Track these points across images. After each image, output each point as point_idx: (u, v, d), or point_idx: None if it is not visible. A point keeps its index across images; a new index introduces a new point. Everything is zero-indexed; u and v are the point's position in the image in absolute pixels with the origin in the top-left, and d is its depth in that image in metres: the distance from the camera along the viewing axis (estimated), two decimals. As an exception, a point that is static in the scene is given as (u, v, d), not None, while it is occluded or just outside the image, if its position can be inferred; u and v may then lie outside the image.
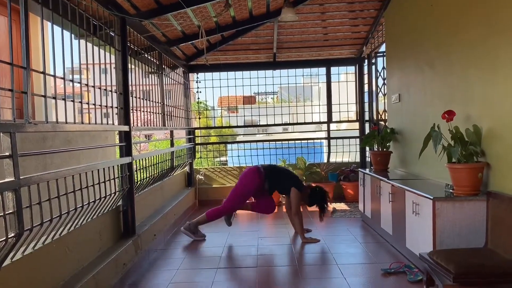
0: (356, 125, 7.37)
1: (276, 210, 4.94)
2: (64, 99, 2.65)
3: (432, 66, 4.15)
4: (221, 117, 8.74)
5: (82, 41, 3.15)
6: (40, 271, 2.41)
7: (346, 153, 7.34)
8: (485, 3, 3.15)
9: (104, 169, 3.20)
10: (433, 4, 4.07)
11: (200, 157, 7.51)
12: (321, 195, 4.72)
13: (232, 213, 4.93)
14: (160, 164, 5.06)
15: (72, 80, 2.85)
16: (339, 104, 7.30)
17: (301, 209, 4.66)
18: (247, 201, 4.91)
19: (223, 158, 9.90)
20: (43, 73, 2.47)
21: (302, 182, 4.79)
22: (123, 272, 3.36)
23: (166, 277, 3.54)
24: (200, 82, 7.31)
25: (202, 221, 4.75)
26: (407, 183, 3.88)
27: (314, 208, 4.82)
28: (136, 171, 4.03)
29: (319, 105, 7.48)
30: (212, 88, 7.42)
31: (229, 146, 9.13)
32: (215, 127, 9.51)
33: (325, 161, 7.28)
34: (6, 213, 2.03)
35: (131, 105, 3.84)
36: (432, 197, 3.10)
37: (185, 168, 6.78)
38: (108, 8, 3.41)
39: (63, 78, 2.67)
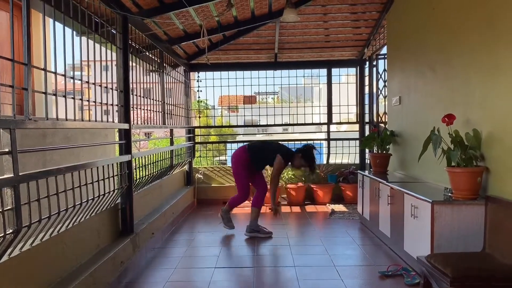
0: (356, 126, 7.37)
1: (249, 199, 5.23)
2: (65, 96, 2.65)
3: (433, 69, 4.15)
4: (221, 116, 8.74)
5: (83, 38, 3.15)
6: (37, 267, 2.41)
7: (346, 154, 7.34)
8: (487, 8, 3.15)
9: (103, 166, 3.20)
10: (435, 7, 4.07)
11: (200, 156, 7.51)
12: (310, 153, 4.87)
13: (243, 201, 5.04)
14: (159, 162, 5.06)
15: (73, 78, 2.85)
16: (340, 105, 7.31)
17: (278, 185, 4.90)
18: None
19: (222, 158, 9.89)
20: (44, 69, 2.47)
21: (292, 151, 4.93)
22: (120, 270, 3.36)
23: (164, 275, 3.54)
24: (201, 81, 7.31)
25: (227, 212, 5.05)
26: (406, 186, 3.89)
27: (314, 209, 4.82)
28: (135, 169, 4.03)
29: (320, 106, 7.48)
30: (212, 87, 7.42)
31: (228, 145, 9.13)
32: (215, 127, 9.51)
33: (325, 162, 7.28)
34: (5, 209, 2.03)
35: (131, 103, 3.84)
36: (431, 201, 3.10)
37: (184, 167, 6.77)
38: (110, 6, 3.41)
39: (64, 75, 2.66)
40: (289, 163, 4.93)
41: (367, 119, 7.12)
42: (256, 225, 4.85)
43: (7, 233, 2.03)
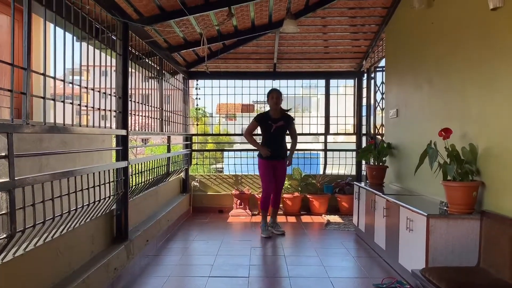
0: (353, 138, 7.39)
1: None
2: (63, 101, 2.65)
3: (430, 83, 4.18)
4: (219, 124, 8.75)
5: (83, 43, 3.16)
6: (30, 273, 2.39)
7: (342, 165, 7.35)
8: (485, 24, 3.19)
9: (99, 172, 3.19)
10: (433, 22, 4.11)
11: (196, 164, 7.50)
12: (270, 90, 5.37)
13: (267, 196, 5.29)
14: (156, 169, 5.05)
15: (72, 83, 2.85)
16: (337, 116, 7.33)
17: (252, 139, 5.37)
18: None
19: (219, 165, 9.87)
20: (43, 74, 2.47)
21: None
22: (114, 277, 3.34)
23: (157, 283, 3.52)
24: (199, 88, 7.33)
25: (262, 216, 5.33)
26: (402, 199, 3.89)
27: (310, 219, 4.85)
28: (131, 175, 4.02)
29: (317, 116, 7.50)
30: (211, 95, 7.43)
31: (225, 153, 9.13)
32: (212, 134, 9.50)
33: (321, 172, 7.29)
34: (-1, 213, 2.02)
35: (129, 109, 3.84)
36: (426, 214, 3.11)
37: (181, 174, 6.76)
38: (111, 13, 3.42)
39: (63, 80, 2.67)
40: (270, 116, 5.25)
41: (364, 131, 7.13)
42: (265, 227, 5.28)
43: (0, 237, 2.02)
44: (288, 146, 5.45)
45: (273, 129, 5.18)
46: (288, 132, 5.40)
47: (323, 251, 4.58)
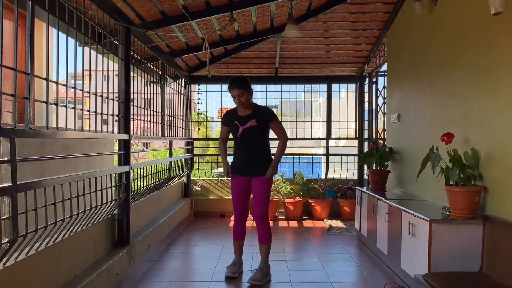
0: (355, 142, 7.39)
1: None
2: (66, 106, 2.66)
3: (432, 88, 4.18)
4: (221, 128, 8.77)
5: (86, 48, 3.17)
6: (32, 278, 2.39)
7: (344, 170, 7.33)
8: (486, 29, 3.19)
9: (101, 177, 3.19)
10: (435, 27, 4.11)
11: (198, 168, 7.49)
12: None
13: (240, 228, 3.98)
14: (157, 173, 5.05)
15: (74, 87, 2.86)
16: (339, 121, 7.33)
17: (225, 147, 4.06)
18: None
19: (220, 170, 9.87)
20: (46, 79, 2.48)
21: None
22: (115, 282, 3.33)
23: (159, 288, 3.51)
24: (201, 93, 7.34)
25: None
26: (404, 204, 3.88)
27: (311, 224, 4.77)
28: (133, 180, 4.02)
29: (319, 121, 7.50)
30: (213, 100, 7.45)
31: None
32: (214, 139, 9.48)
33: (323, 177, 7.28)
34: (1, 218, 2.02)
35: (131, 114, 3.84)
36: (428, 219, 3.10)
37: (182, 179, 6.75)
38: (113, 18, 3.44)
39: (65, 85, 2.68)
40: (237, 115, 3.78)
41: (366, 135, 7.13)
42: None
43: (3, 242, 2.02)
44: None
45: (240, 132, 3.71)
46: (273, 132, 3.79)
47: (325, 256, 4.56)
